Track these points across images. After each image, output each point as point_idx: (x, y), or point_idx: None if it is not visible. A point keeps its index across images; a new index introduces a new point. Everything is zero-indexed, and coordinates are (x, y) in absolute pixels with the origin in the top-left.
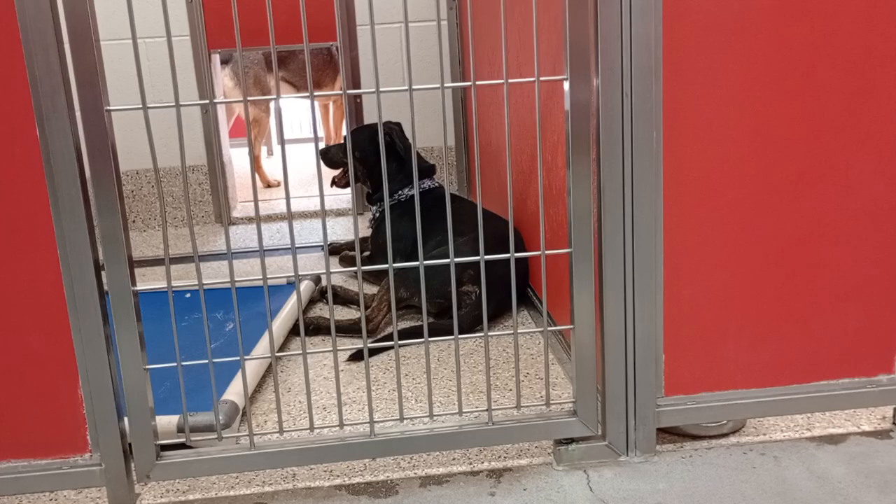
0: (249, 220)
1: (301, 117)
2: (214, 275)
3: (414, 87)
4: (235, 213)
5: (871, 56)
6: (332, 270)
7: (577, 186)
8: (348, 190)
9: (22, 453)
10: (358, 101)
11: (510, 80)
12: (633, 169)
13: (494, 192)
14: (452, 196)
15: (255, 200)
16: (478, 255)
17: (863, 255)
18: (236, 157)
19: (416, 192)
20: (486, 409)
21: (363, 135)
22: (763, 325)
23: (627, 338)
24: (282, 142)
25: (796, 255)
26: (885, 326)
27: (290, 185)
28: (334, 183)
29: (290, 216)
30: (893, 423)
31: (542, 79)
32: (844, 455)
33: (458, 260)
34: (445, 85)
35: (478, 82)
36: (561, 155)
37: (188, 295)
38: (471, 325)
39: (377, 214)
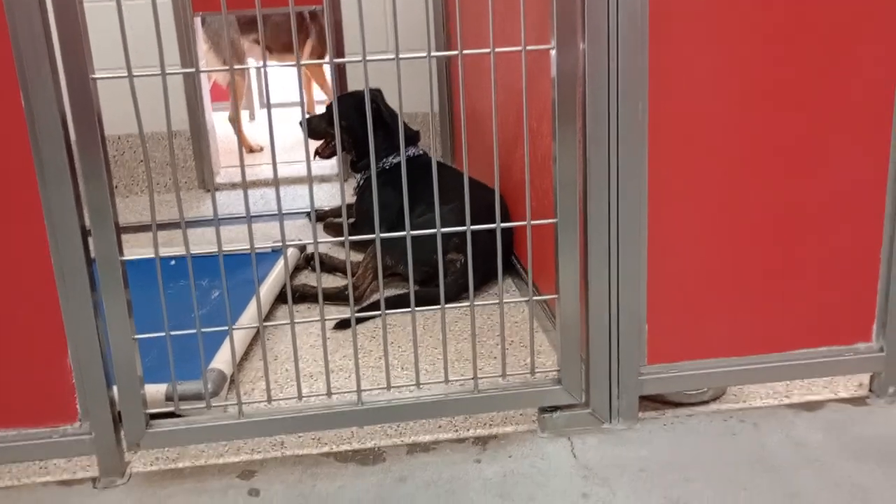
0: (233, 185)
1: (282, 81)
2: (198, 241)
3: (401, 55)
4: (218, 179)
5: (855, 33)
6: (319, 239)
7: (563, 156)
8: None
9: (11, 422)
10: (341, 66)
11: (497, 49)
12: (619, 140)
13: (478, 158)
14: (437, 164)
15: (242, 165)
16: (463, 223)
17: (844, 228)
18: (217, 123)
19: (402, 159)
20: (472, 378)
21: (348, 103)
22: (745, 295)
23: (612, 308)
24: (268, 107)
25: (779, 227)
26: (864, 296)
27: (265, 154)
28: (318, 154)
29: (276, 182)
30: (870, 391)
31: (528, 48)
32: (822, 422)
33: (444, 230)
34: (433, 54)
35: (465, 51)
36: (546, 122)
37: (173, 262)
38: (456, 293)
39: (361, 182)
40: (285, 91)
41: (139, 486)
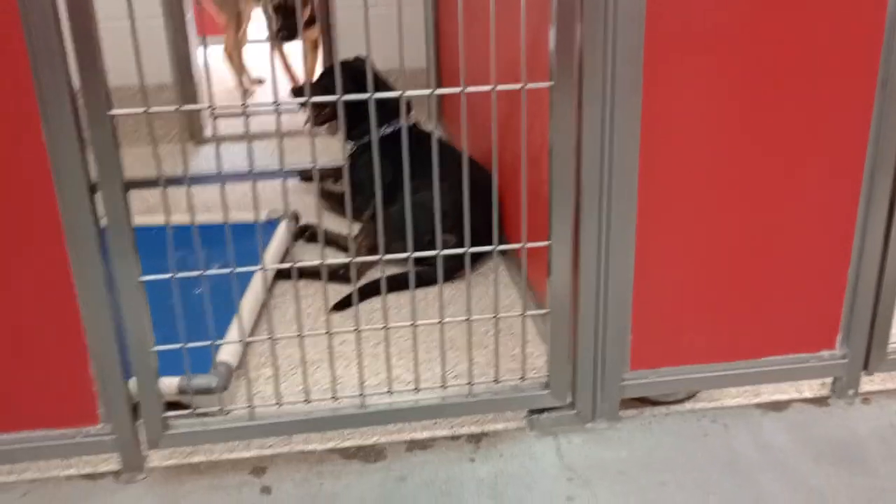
0: (221, 139)
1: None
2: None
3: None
4: (208, 131)
5: (829, 80)
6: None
7: (558, 184)
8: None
9: (38, 424)
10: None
11: (499, 87)
12: (612, 172)
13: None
14: (429, 136)
15: (246, 115)
16: (454, 203)
17: (813, 247)
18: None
19: (403, 129)
20: (468, 384)
21: (344, 74)
22: (721, 308)
23: (599, 319)
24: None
25: (753, 247)
26: (831, 309)
27: (257, 96)
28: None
29: (279, 135)
30: (831, 391)
31: (528, 86)
32: (787, 423)
33: (442, 259)
34: (435, 91)
35: (468, 89)
36: (540, 118)
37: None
38: (449, 273)
39: (353, 151)
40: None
41: (159, 482)
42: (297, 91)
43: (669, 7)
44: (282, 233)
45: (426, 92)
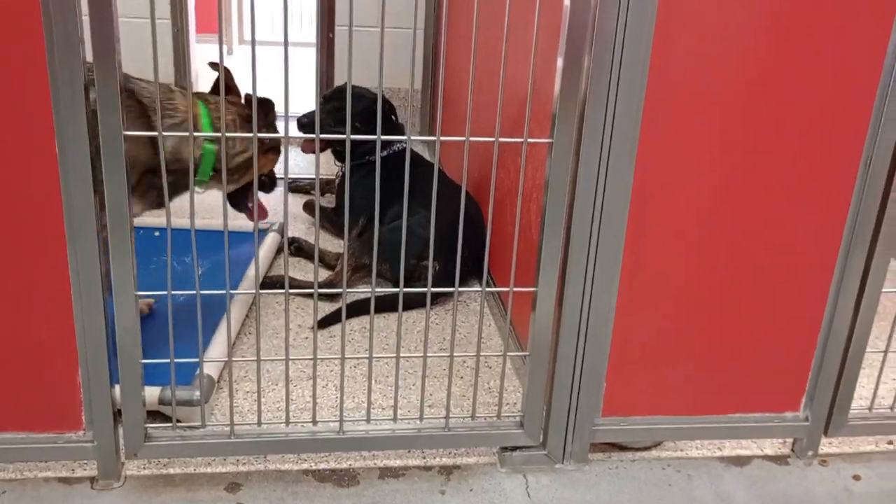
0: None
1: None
2: (180, 209)
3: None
4: None
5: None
6: (297, 220)
7: (549, 235)
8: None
9: (21, 427)
10: (330, 43)
11: (501, 140)
12: (601, 227)
13: (454, 139)
14: (422, 160)
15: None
16: (440, 231)
17: (785, 313)
18: (202, 61)
19: (407, 152)
20: (444, 417)
21: (361, 104)
22: (693, 366)
23: (576, 366)
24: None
25: (729, 308)
26: (796, 372)
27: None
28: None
29: (286, 143)
30: (792, 451)
31: (530, 140)
32: (747, 478)
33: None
34: (441, 138)
35: (472, 138)
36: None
37: (157, 233)
38: (432, 297)
39: (344, 170)
40: (270, 27)
41: (134, 491)
42: (304, 125)
43: (670, 75)
44: (269, 244)
45: (432, 139)
